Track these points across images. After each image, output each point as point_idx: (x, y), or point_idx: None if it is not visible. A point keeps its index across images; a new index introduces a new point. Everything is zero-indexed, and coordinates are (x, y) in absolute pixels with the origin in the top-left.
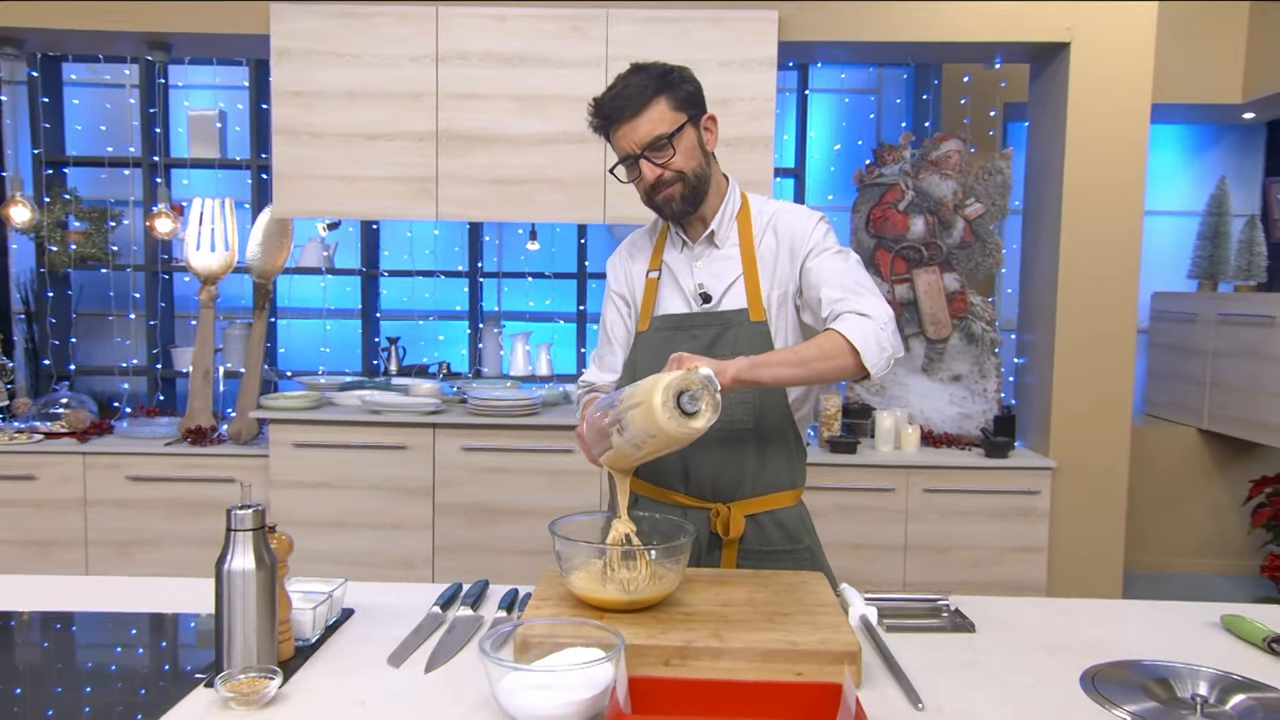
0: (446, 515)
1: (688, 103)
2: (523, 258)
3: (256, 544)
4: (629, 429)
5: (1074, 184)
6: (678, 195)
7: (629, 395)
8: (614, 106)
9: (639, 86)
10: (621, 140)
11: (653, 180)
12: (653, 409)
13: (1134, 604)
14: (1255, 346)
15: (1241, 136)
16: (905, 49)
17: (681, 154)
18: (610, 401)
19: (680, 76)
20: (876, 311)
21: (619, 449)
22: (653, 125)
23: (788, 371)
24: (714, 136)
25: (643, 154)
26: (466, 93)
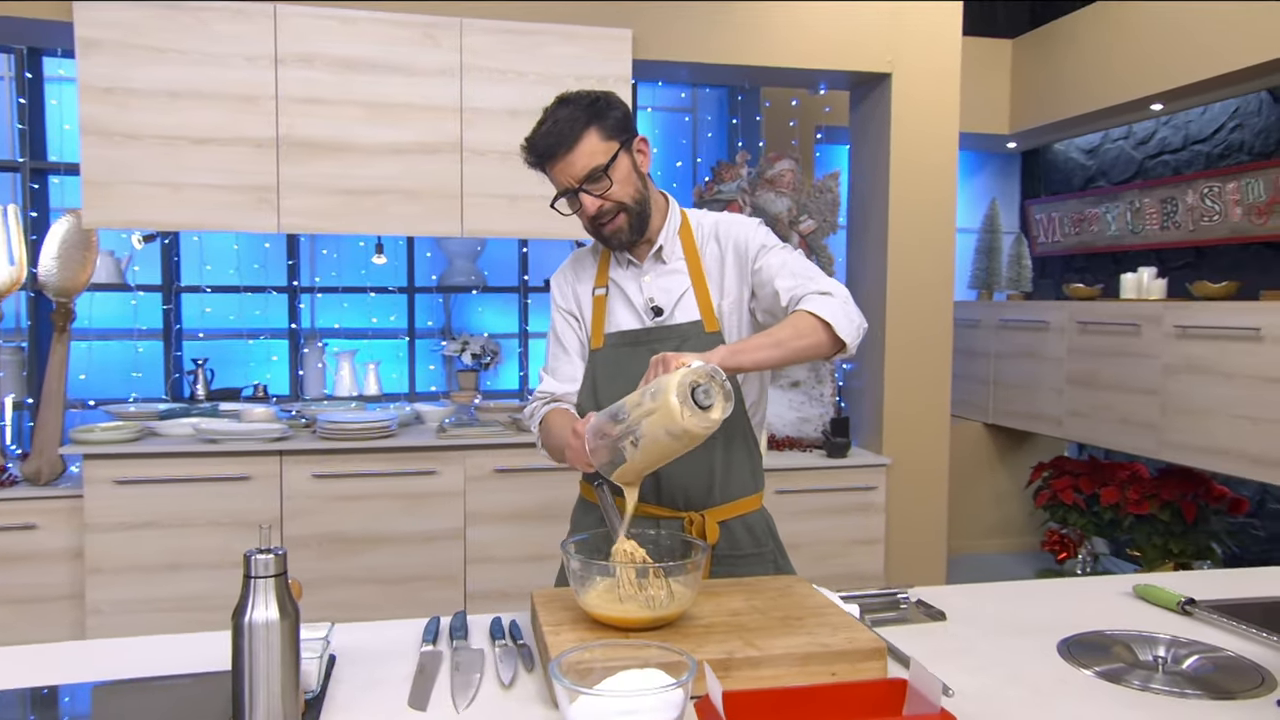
0: (297, 548)
1: (618, 129)
2: (360, 271)
3: (279, 592)
4: (644, 437)
5: (898, 202)
6: (625, 225)
7: (634, 405)
8: (546, 145)
9: (568, 121)
10: (558, 176)
11: (594, 211)
12: (670, 410)
13: (1055, 583)
14: (1031, 348)
15: (1004, 163)
16: (744, 72)
17: (619, 183)
18: (612, 415)
19: (607, 103)
20: (837, 289)
21: (633, 460)
22: (587, 158)
23: (765, 354)
24: (646, 158)
25: (581, 187)
26: (310, 97)
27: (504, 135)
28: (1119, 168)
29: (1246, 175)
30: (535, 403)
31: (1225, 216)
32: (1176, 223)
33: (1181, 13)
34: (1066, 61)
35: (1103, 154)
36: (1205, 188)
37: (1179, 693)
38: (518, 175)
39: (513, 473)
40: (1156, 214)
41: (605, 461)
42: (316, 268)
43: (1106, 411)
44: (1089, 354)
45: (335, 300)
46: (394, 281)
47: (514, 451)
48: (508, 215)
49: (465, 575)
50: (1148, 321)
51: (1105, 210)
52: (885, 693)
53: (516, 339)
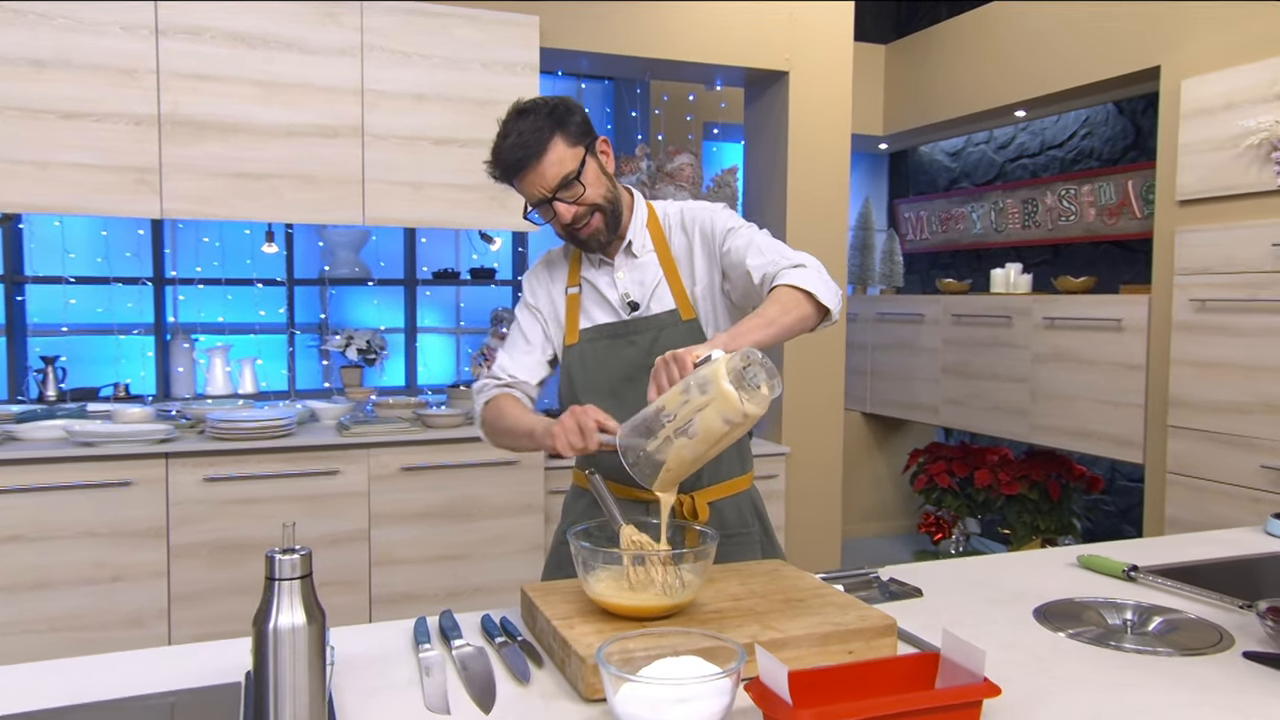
0: (185, 558)
1: (581, 133)
2: (245, 261)
3: (305, 594)
4: (700, 430)
5: (795, 198)
6: (601, 226)
7: (679, 404)
8: (514, 159)
9: (532, 131)
10: (528, 187)
11: (570, 218)
12: (728, 398)
13: (1004, 558)
14: (907, 340)
15: (874, 163)
16: (645, 64)
17: (590, 187)
18: (648, 421)
19: (566, 109)
20: (809, 260)
21: (682, 458)
22: (558, 167)
23: (760, 334)
24: (609, 158)
25: (554, 196)
26: (197, 73)
27: (407, 120)
28: (981, 170)
29: (1099, 179)
30: (488, 380)
31: (1080, 217)
32: (1036, 222)
33: (1043, 27)
34: (938, 68)
35: (966, 157)
36: (1062, 190)
37: (1152, 651)
38: (422, 161)
39: (420, 470)
40: (1018, 214)
41: (652, 470)
42: (190, 257)
43: (980, 399)
44: (963, 345)
45: (214, 293)
46: (278, 273)
47: (421, 449)
48: (412, 203)
49: (370, 579)
50: (1018, 314)
51: (971, 210)
52: (922, 666)
53: (403, 334)
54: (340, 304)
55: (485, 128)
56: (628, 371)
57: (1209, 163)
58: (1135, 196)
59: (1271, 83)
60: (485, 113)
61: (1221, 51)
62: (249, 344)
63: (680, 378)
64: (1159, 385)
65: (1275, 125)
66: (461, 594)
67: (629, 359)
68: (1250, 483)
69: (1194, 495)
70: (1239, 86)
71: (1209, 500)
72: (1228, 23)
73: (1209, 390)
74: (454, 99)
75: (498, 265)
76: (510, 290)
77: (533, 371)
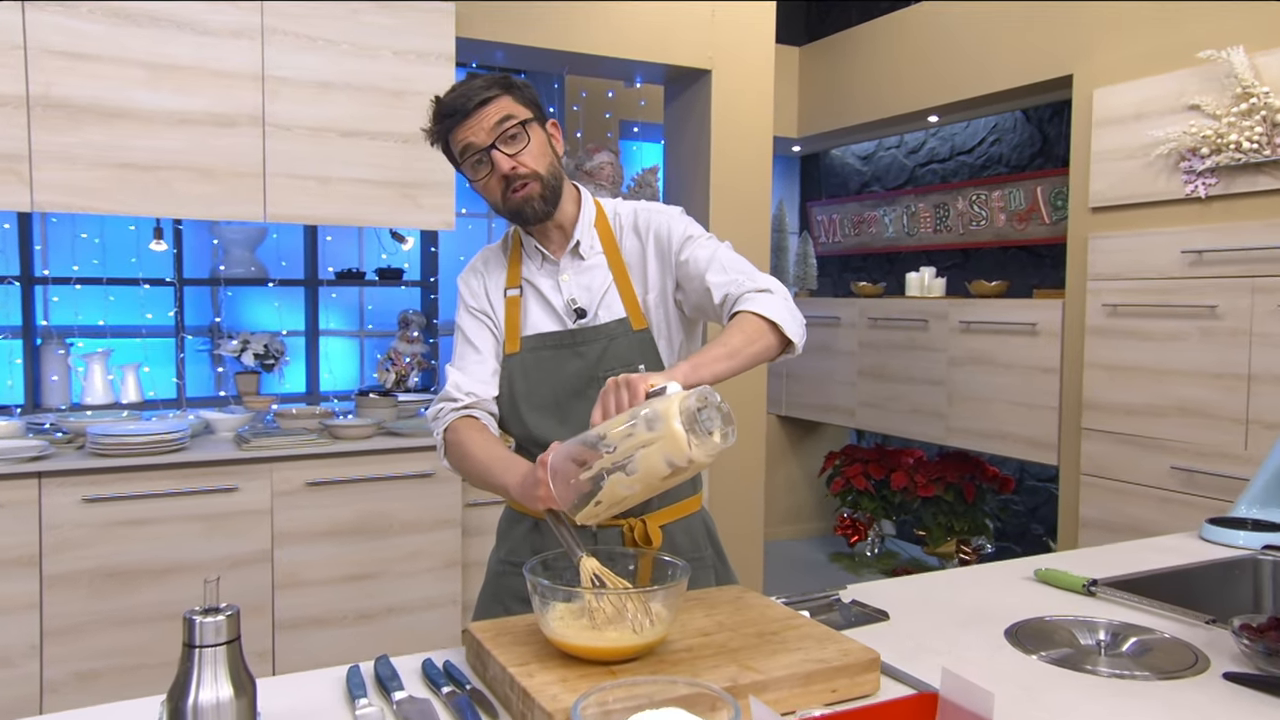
0: (61, 588)
1: (531, 103)
2: (130, 260)
3: (232, 662)
4: (640, 470)
5: (718, 198)
6: (536, 194)
7: (623, 436)
8: (458, 103)
9: (482, 86)
10: (467, 133)
11: (507, 170)
12: (675, 439)
13: (960, 573)
14: (824, 343)
15: (786, 165)
16: (564, 58)
17: (535, 147)
18: (588, 446)
19: (520, 82)
20: (775, 285)
21: (619, 495)
22: (502, 112)
23: (724, 365)
24: (560, 144)
25: (494, 144)
26: (73, 51)
27: (313, 110)
28: (892, 174)
29: (1009, 185)
30: (442, 404)
31: (991, 222)
32: (948, 226)
33: (958, 34)
34: (853, 71)
35: (877, 161)
36: (973, 195)
37: (1130, 674)
38: (330, 154)
39: (327, 485)
40: (930, 218)
41: (580, 503)
42: (64, 255)
43: (897, 401)
44: (879, 348)
45: (94, 294)
46: (165, 272)
47: (328, 462)
48: (319, 199)
49: (274, 602)
50: (934, 318)
51: (883, 213)
52: (921, 710)
53: (304, 337)
54: (235, 306)
55: (397, 120)
56: (574, 385)
57: (1120, 171)
58: (1044, 202)
59: (1179, 94)
60: (397, 104)
61: (1133, 62)
62: (133, 348)
63: (630, 406)
64: (1073, 388)
65: (1183, 135)
66: (374, 615)
67: (575, 371)
68: (1161, 483)
69: (1107, 496)
70: (1149, 97)
71: (1122, 501)
72: (1139, 34)
73: (1121, 393)
74: (364, 88)
75: (407, 265)
76: (420, 292)
77: (487, 381)
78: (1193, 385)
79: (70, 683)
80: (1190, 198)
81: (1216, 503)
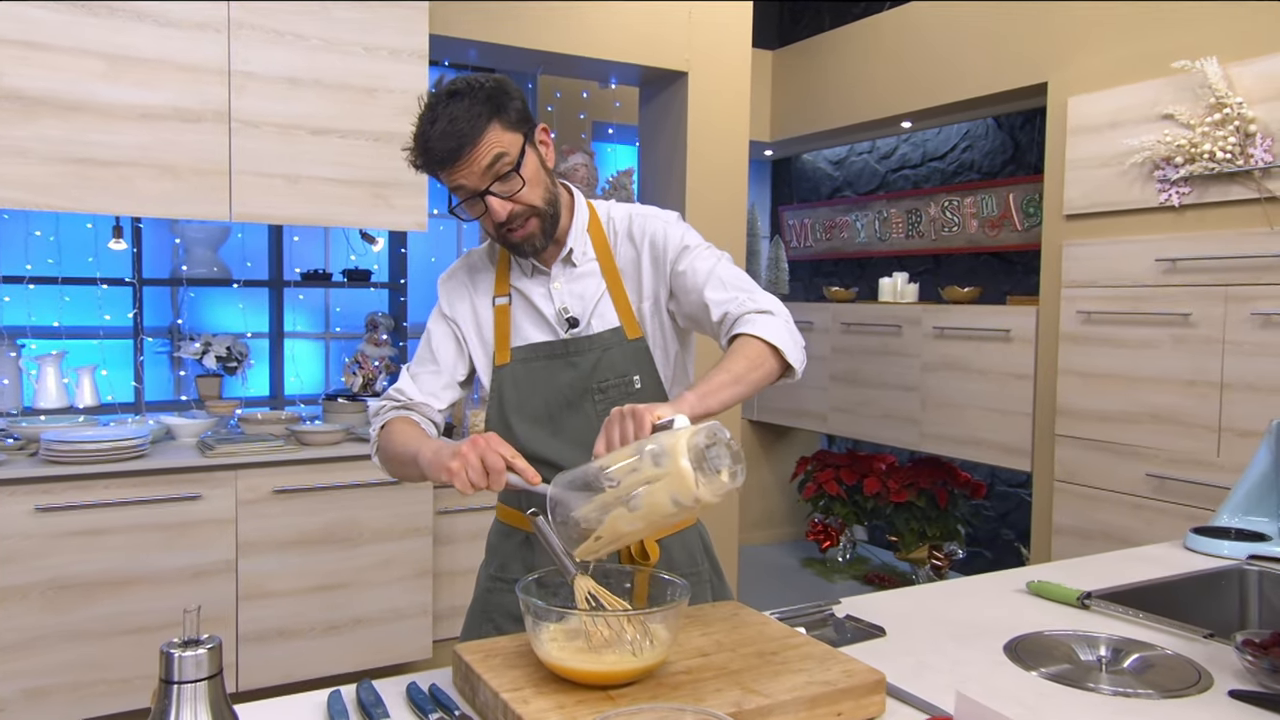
0: (11, 601)
1: (520, 121)
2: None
3: (214, 699)
4: (644, 507)
5: (694, 201)
6: (537, 231)
7: (627, 470)
8: (446, 148)
9: (467, 117)
10: (459, 178)
11: (505, 216)
12: (683, 477)
13: (952, 585)
14: None
15: (757, 169)
16: (538, 58)
17: (529, 184)
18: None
19: (504, 92)
20: (776, 306)
21: (620, 532)
22: (494, 156)
23: (730, 392)
24: (550, 150)
25: (488, 190)
26: (26, 40)
27: (282, 106)
28: (864, 179)
29: (981, 191)
30: (385, 403)
31: (963, 228)
32: (920, 232)
33: (932, 40)
34: (826, 76)
35: (849, 166)
36: (945, 201)
37: (1134, 693)
38: (299, 152)
39: (294, 493)
40: (902, 223)
41: (573, 535)
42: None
43: (869, 407)
44: (851, 353)
45: (48, 293)
46: (124, 272)
47: (296, 469)
48: (287, 198)
49: (238, 614)
50: (908, 323)
51: (855, 218)
52: None
53: (268, 340)
54: (197, 307)
55: (368, 118)
56: (566, 396)
57: (1095, 179)
58: (1016, 209)
59: (1154, 103)
60: (369, 102)
61: (1107, 71)
62: (89, 350)
63: (635, 438)
64: (1047, 394)
65: (1157, 144)
66: (342, 626)
67: (568, 382)
68: (1134, 490)
69: (1080, 502)
70: (1124, 105)
71: (1095, 507)
72: (1113, 43)
73: (1095, 400)
74: (334, 85)
75: (376, 266)
76: (388, 294)
77: (437, 395)
78: (1166, 392)
79: (19, 700)
80: (1164, 206)
81: (1190, 509)
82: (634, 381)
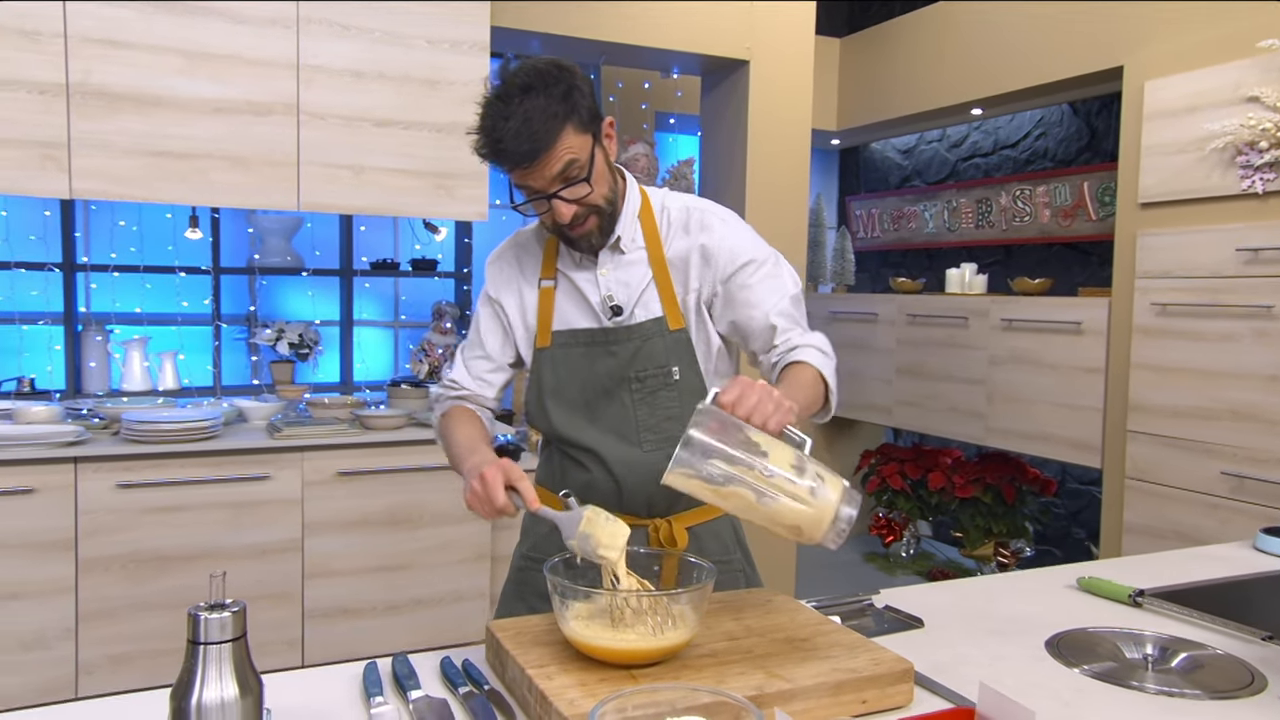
0: (95, 572)
1: (591, 120)
2: (167, 248)
3: (238, 660)
4: (764, 510)
5: (755, 192)
6: (595, 229)
7: (786, 481)
8: (520, 150)
9: (543, 118)
10: (528, 179)
11: (569, 218)
12: (820, 524)
13: (999, 579)
14: (861, 340)
15: (824, 159)
16: (599, 48)
17: (596, 186)
18: (744, 453)
19: (578, 90)
20: (825, 344)
21: (725, 497)
22: (566, 162)
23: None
24: (614, 143)
25: (556, 192)
26: (110, 38)
27: (347, 98)
28: (933, 168)
29: (1054, 180)
30: (442, 391)
31: (1035, 218)
32: (990, 222)
33: (1003, 25)
34: (894, 63)
35: (918, 154)
36: (1017, 190)
37: (1180, 693)
38: (363, 143)
39: (357, 475)
40: (972, 213)
41: (686, 459)
42: (102, 242)
43: (935, 400)
44: (917, 345)
45: (129, 281)
46: (202, 260)
47: (359, 452)
48: (352, 189)
49: (303, 592)
50: (975, 315)
51: (923, 208)
52: None
53: (339, 327)
54: (271, 295)
55: (431, 109)
56: (604, 384)
57: (1172, 165)
58: (1090, 198)
59: (1236, 86)
60: (431, 94)
61: (1186, 53)
62: (170, 336)
63: (769, 429)
64: (1118, 389)
65: (1240, 129)
66: (402, 607)
67: (606, 370)
68: (1209, 489)
69: (1152, 501)
70: (1203, 89)
71: (1168, 506)
72: (1192, 25)
73: (1169, 395)
74: (398, 77)
75: (441, 256)
76: (454, 283)
77: (488, 380)
78: (1246, 388)
79: (104, 665)
80: (1247, 193)
81: (1269, 510)
82: (673, 373)
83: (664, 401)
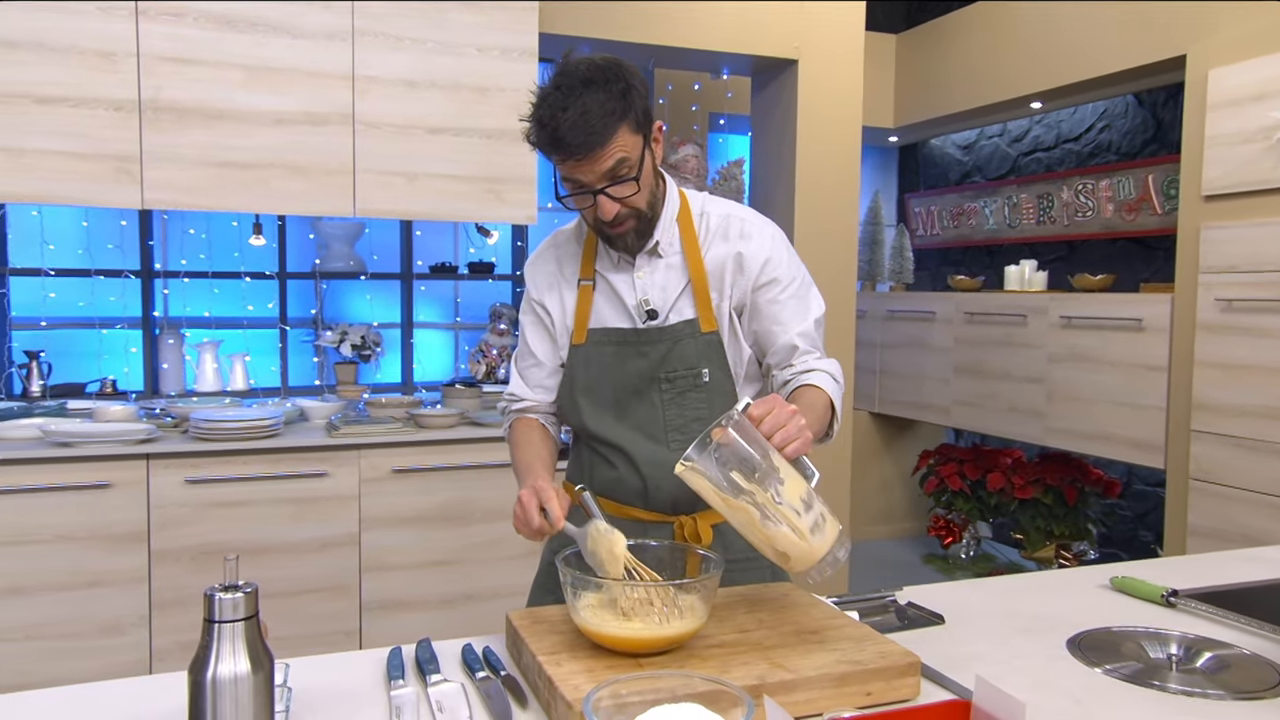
0: (167, 563)
1: (644, 121)
2: (233, 254)
3: (250, 638)
4: (764, 534)
5: (804, 191)
6: (632, 230)
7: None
8: (577, 141)
9: (600, 114)
10: (578, 173)
11: (611, 216)
12: (809, 559)
13: (1029, 578)
14: (917, 339)
15: (883, 156)
16: (648, 51)
17: (643, 181)
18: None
19: (635, 91)
20: (838, 371)
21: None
22: (618, 160)
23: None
24: (661, 147)
25: (604, 189)
26: (179, 56)
27: (401, 107)
28: (994, 164)
29: (1118, 174)
30: (507, 403)
31: (1098, 213)
32: (1052, 218)
33: (1061, 16)
34: (951, 58)
35: (978, 150)
36: (1079, 185)
37: (1202, 693)
38: (416, 151)
39: (412, 473)
40: (1033, 209)
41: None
42: (174, 250)
43: (994, 400)
44: (976, 344)
45: (200, 286)
46: (268, 266)
47: (413, 450)
48: (406, 195)
49: (361, 585)
50: (1034, 312)
51: (983, 205)
52: (950, 716)
53: (399, 329)
54: (334, 298)
55: (481, 116)
56: (635, 384)
57: (1237, 156)
58: (1155, 191)
59: None
60: (481, 101)
61: (1251, 40)
62: (238, 339)
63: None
64: (1182, 388)
65: None
66: (454, 601)
67: (637, 371)
68: (1277, 490)
69: (1217, 502)
70: (1271, 76)
71: (1232, 508)
72: (1258, 10)
73: (1235, 394)
74: (449, 86)
75: (496, 259)
76: (510, 285)
77: (545, 386)
78: None
79: (175, 651)
80: None
81: None
82: (703, 375)
83: (693, 402)
